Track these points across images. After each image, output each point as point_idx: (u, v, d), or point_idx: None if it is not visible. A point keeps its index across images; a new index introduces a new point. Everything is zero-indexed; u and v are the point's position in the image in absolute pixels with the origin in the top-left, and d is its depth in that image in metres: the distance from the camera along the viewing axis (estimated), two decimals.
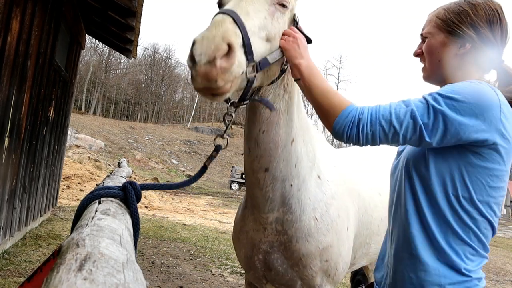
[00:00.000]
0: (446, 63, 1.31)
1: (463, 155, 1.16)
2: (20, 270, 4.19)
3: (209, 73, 1.09)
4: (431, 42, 1.33)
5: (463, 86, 1.15)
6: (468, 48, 1.27)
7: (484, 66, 1.31)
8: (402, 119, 1.13)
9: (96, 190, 1.15)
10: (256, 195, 1.72)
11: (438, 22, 1.32)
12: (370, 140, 1.18)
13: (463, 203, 1.18)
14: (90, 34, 8.56)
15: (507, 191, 26.42)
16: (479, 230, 1.20)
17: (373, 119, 1.16)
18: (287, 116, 1.59)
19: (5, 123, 4.07)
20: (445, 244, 1.20)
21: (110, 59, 63.48)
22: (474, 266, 1.21)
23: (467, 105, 1.10)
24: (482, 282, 1.24)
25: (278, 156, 1.61)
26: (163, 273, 5.02)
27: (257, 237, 1.85)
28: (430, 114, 1.11)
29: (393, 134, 1.15)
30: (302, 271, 1.79)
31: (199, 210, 12.55)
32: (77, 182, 12.45)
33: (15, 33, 4.02)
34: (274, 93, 1.53)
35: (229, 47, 1.11)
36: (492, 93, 1.14)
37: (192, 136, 47.58)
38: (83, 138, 25.29)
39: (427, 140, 1.12)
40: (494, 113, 1.11)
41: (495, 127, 1.12)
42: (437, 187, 1.20)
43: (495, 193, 1.19)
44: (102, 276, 0.54)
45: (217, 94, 1.17)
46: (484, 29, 1.26)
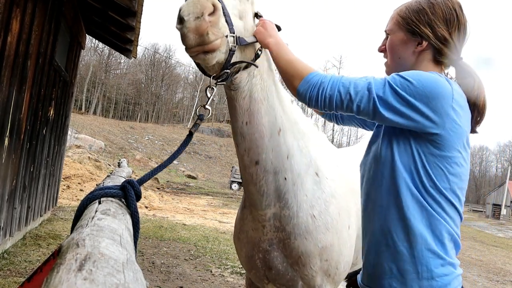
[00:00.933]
0: (405, 60, 1.36)
1: (423, 145, 1.22)
2: (20, 270, 4.19)
3: (200, 26, 1.17)
4: (392, 39, 1.39)
5: (421, 74, 1.21)
6: (425, 46, 1.32)
7: (441, 63, 1.35)
8: (359, 89, 1.21)
9: (96, 190, 1.14)
10: (252, 191, 1.74)
11: (399, 20, 1.37)
12: (327, 104, 1.25)
13: (430, 191, 1.23)
14: (90, 34, 8.56)
15: (507, 191, 26.55)
16: (448, 216, 1.25)
17: (333, 85, 1.25)
18: (267, 105, 1.62)
19: (5, 123, 4.07)
20: (419, 232, 1.23)
21: (110, 59, 63.48)
22: (448, 252, 1.25)
23: (419, 89, 1.16)
24: (457, 269, 1.27)
25: (265, 147, 1.63)
26: (163, 273, 5.02)
27: (256, 236, 1.85)
28: (385, 89, 1.18)
29: (348, 101, 1.22)
30: (302, 270, 1.79)
31: (199, 210, 12.55)
32: (77, 182, 12.44)
33: (15, 33, 4.02)
34: (251, 83, 1.58)
35: (214, 7, 1.20)
36: (444, 83, 1.20)
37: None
38: (83, 138, 25.30)
39: (381, 112, 1.18)
40: (446, 101, 1.17)
41: (446, 114, 1.17)
42: (405, 178, 1.24)
43: (456, 179, 1.24)
44: (102, 276, 0.54)
45: (208, 51, 1.23)
46: (441, 27, 1.30)
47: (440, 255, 1.23)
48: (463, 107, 1.23)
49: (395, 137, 1.28)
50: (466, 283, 7.18)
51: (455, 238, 1.27)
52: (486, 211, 54.05)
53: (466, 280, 7.43)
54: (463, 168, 1.25)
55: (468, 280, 7.46)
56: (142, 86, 68.46)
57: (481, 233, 19.86)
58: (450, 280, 1.22)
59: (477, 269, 8.79)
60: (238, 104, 1.59)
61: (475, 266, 9.22)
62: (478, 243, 14.69)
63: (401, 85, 1.17)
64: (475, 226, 24.33)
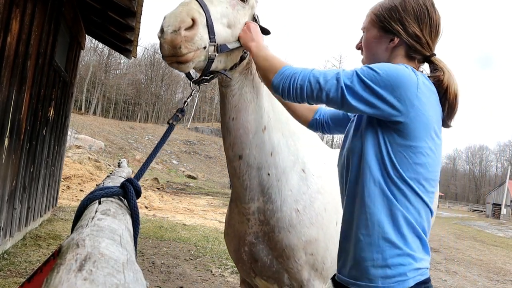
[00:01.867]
0: (379, 56, 1.41)
1: (389, 134, 1.25)
2: (20, 271, 4.19)
3: (174, 40, 1.26)
4: (367, 37, 1.45)
5: (388, 65, 1.25)
6: (397, 42, 1.36)
7: (415, 58, 1.38)
8: (328, 78, 1.26)
9: (96, 190, 1.15)
10: (236, 184, 1.83)
11: (373, 18, 1.42)
12: (299, 94, 1.31)
13: (394, 179, 1.24)
14: (90, 35, 8.56)
15: (507, 191, 26.54)
16: (412, 206, 1.25)
17: (304, 76, 1.30)
18: (255, 104, 1.72)
19: (5, 123, 4.07)
20: (377, 221, 1.25)
21: (110, 59, 63.49)
22: (408, 243, 1.24)
23: (385, 79, 1.20)
24: (420, 262, 1.25)
25: (249, 142, 1.73)
26: (163, 273, 5.02)
27: (242, 229, 1.92)
28: (353, 78, 1.23)
29: (318, 90, 1.27)
30: (286, 263, 1.83)
31: (199, 210, 12.55)
32: (77, 183, 12.44)
33: (15, 34, 4.02)
34: (242, 82, 1.69)
35: (193, 22, 1.29)
36: (411, 73, 1.23)
37: (192, 136, 47.59)
38: (83, 139, 25.30)
39: (348, 100, 1.22)
40: (411, 90, 1.20)
41: (410, 102, 1.20)
42: (370, 167, 1.27)
43: (422, 169, 1.25)
44: (102, 277, 0.54)
45: (181, 62, 1.32)
46: (412, 24, 1.34)
47: (397, 245, 1.23)
48: (430, 98, 1.25)
49: (364, 128, 1.32)
50: (467, 283, 7.19)
51: (418, 231, 1.25)
52: (486, 210, 54.07)
53: (467, 280, 7.43)
54: (430, 158, 1.26)
55: (469, 280, 7.46)
56: (142, 86, 68.49)
57: (481, 232, 19.86)
58: (406, 270, 1.22)
59: (477, 269, 8.79)
60: (227, 100, 1.69)
61: (475, 265, 9.22)
62: (478, 242, 14.69)
63: (367, 74, 1.22)
64: (475, 226, 24.34)
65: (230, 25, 1.49)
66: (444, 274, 7.69)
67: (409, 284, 1.21)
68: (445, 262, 9.06)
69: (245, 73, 1.70)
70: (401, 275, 1.21)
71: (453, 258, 9.81)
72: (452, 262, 9.28)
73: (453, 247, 12.07)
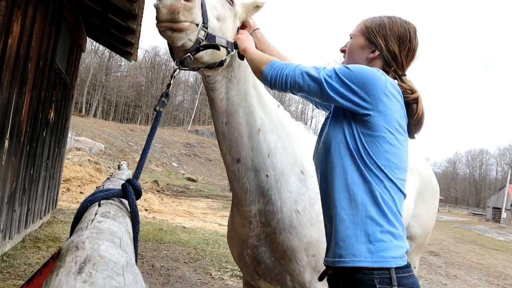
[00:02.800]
0: (358, 63, 1.53)
1: (361, 126, 1.39)
2: (19, 273, 4.18)
3: (174, 5, 1.31)
4: (352, 43, 1.61)
5: (362, 66, 1.43)
6: (376, 55, 1.53)
7: (388, 73, 1.52)
8: (311, 72, 1.42)
9: (96, 193, 1.15)
10: (236, 189, 1.85)
11: (363, 28, 1.58)
12: (283, 84, 1.46)
13: (370, 166, 1.37)
14: (91, 37, 8.58)
15: (507, 195, 26.52)
16: (388, 191, 1.37)
17: (290, 68, 1.45)
18: (245, 107, 1.77)
19: (5, 125, 4.07)
20: (361, 201, 1.35)
21: (111, 62, 63.61)
22: (389, 221, 1.35)
23: (358, 77, 1.37)
24: (399, 241, 1.35)
25: (245, 145, 1.77)
26: (162, 276, 5.00)
27: (244, 232, 1.93)
28: (332, 74, 1.39)
29: (300, 82, 1.42)
30: (288, 265, 1.84)
31: (199, 213, 12.54)
32: (77, 185, 12.43)
33: (16, 36, 4.03)
34: (227, 86, 1.74)
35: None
36: (381, 75, 1.40)
37: (192, 139, 47.60)
38: (83, 141, 25.30)
39: (327, 90, 1.38)
40: (379, 87, 1.37)
41: (379, 98, 1.36)
42: (349, 155, 1.40)
43: (393, 158, 1.39)
44: (101, 279, 0.53)
45: (176, 29, 1.36)
46: (393, 43, 1.52)
47: (379, 222, 1.33)
48: (396, 97, 1.41)
49: (340, 120, 1.46)
50: (467, 287, 7.17)
51: (394, 211, 1.37)
52: (486, 214, 53.98)
53: (467, 284, 7.42)
54: (398, 149, 1.40)
55: (469, 284, 7.44)
56: (143, 88, 68.57)
57: (481, 236, 19.82)
58: (388, 247, 1.31)
59: (477, 273, 8.77)
60: (216, 105, 1.75)
61: (475, 269, 9.20)
62: (479, 246, 14.66)
63: (344, 72, 1.38)
64: (476, 230, 24.29)
65: (219, 19, 1.56)
66: (444, 278, 7.67)
67: (391, 264, 1.30)
68: (445, 266, 9.04)
69: (228, 77, 1.74)
70: (382, 251, 1.31)
71: (453, 262, 9.79)
72: (452, 266, 9.26)
73: (453, 251, 12.04)
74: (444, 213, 49.50)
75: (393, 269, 1.28)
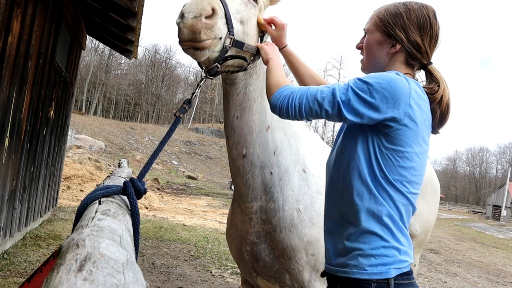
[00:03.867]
0: (379, 59, 1.44)
1: (377, 138, 1.30)
2: (20, 271, 4.19)
3: (195, 25, 1.31)
4: (369, 39, 1.47)
5: (379, 74, 1.28)
6: (398, 48, 1.40)
7: (413, 65, 1.43)
8: (324, 95, 1.29)
9: (96, 190, 1.15)
10: (239, 184, 1.84)
11: (377, 21, 1.45)
12: (297, 112, 1.34)
13: (379, 180, 1.30)
14: (91, 35, 8.57)
15: (507, 193, 26.52)
16: (395, 205, 1.31)
17: (302, 95, 1.33)
18: (260, 104, 1.75)
19: (6, 123, 4.07)
20: (366, 216, 1.31)
21: (111, 60, 63.53)
22: (395, 236, 1.30)
23: (379, 91, 1.24)
24: (403, 255, 1.31)
25: (253, 141, 1.75)
26: (163, 274, 5.01)
27: (244, 228, 1.93)
28: (348, 93, 1.26)
29: (316, 108, 1.30)
30: (288, 263, 1.84)
31: (199, 211, 12.55)
32: (77, 183, 12.44)
33: (15, 34, 4.03)
34: (247, 81, 1.72)
35: (213, 11, 1.35)
36: (403, 81, 1.26)
37: (193, 137, 47.59)
38: (83, 139, 25.29)
39: (345, 114, 1.26)
40: (403, 98, 1.24)
41: (403, 110, 1.25)
42: (358, 166, 1.33)
43: (406, 173, 1.31)
44: (102, 277, 0.54)
45: (198, 48, 1.37)
46: (414, 33, 1.39)
47: (384, 237, 1.29)
48: (421, 106, 1.29)
49: (355, 130, 1.36)
50: (467, 284, 7.18)
51: (401, 226, 1.32)
52: (486, 212, 54.01)
53: (467, 281, 7.43)
54: (415, 163, 1.32)
55: (469, 282, 7.45)
56: (143, 86, 68.50)
57: (481, 234, 19.84)
58: (390, 261, 1.28)
59: (477, 271, 8.78)
60: (232, 98, 1.72)
61: (475, 267, 9.21)
62: (479, 244, 14.68)
63: (361, 88, 1.25)
64: (475, 227, 24.31)
65: (242, 21, 1.54)
66: (444, 275, 7.68)
67: (391, 274, 1.27)
68: (445, 264, 9.05)
69: (250, 73, 1.72)
70: (384, 265, 1.28)
71: (453, 260, 9.80)
72: (452, 263, 9.28)
73: (453, 249, 12.05)
74: (444, 211, 49.52)
75: (392, 279, 1.27)
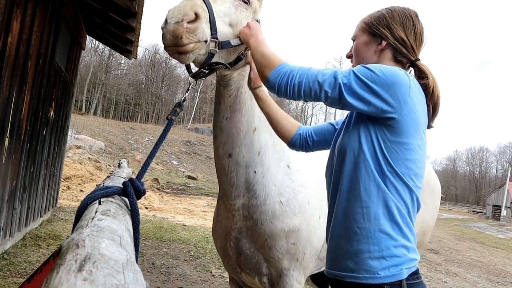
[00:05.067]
0: (368, 60, 1.48)
1: (380, 131, 1.30)
2: (20, 271, 4.19)
3: (176, 30, 1.33)
4: (357, 43, 1.54)
5: (382, 65, 1.32)
6: (384, 45, 1.45)
7: (401, 62, 1.46)
8: (326, 77, 1.29)
9: (96, 191, 1.15)
10: (223, 181, 1.89)
11: (363, 25, 1.53)
12: (296, 91, 1.32)
13: (388, 175, 1.29)
14: (91, 35, 8.56)
15: (507, 193, 26.52)
16: (403, 201, 1.30)
17: (302, 74, 1.32)
18: (249, 106, 1.80)
19: (6, 123, 4.07)
20: (374, 214, 1.29)
21: (111, 60, 63.53)
22: (404, 234, 1.29)
23: (381, 78, 1.26)
24: (412, 253, 1.30)
25: (240, 142, 1.80)
26: (163, 274, 5.01)
27: (228, 224, 1.98)
28: (349, 76, 1.28)
29: (316, 89, 1.30)
30: (268, 252, 1.88)
31: (199, 211, 12.55)
32: (77, 183, 12.44)
33: (15, 34, 4.03)
34: (239, 83, 1.75)
35: (196, 16, 1.36)
36: (403, 74, 1.30)
37: (192, 137, 47.58)
38: (83, 139, 25.28)
39: (345, 97, 1.26)
40: (404, 89, 1.27)
41: (404, 100, 1.26)
42: (364, 162, 1.31)
43: (412, 165, 1.31)
44: (102, 277, 0.54)
45: (181, 52, 1.38)
46: (397, 29, 1.44)
47: (393, 236, 1.27)
48: (420, 98, 1.33)
49: (356, 126, 1.37)
50: (467, 284, 7.18)
51: (409, 223, 1.31)
52: (486, 212, 54.02)
53: (467, 281, 7.43)
54: (419, 154, 1.32)
55: (469, 281, 7.46)
56: (142, 86, 68.51)
57: (481, 234, 19.84)
58: (401, 261, 1.27)
59: (477, 270, 8.78)
60: (223, 100, 1.77)
61: (475, 267, 9.21)
62: (479, 244, 14.68)
63: (364, 73, 1.27)
64: (475, 227, 24.31)
65: (232, 24, 1.56)
66: (444, 275, 7.68)
67: (403, 275, 1.25)
68: (445, 264, 9.05)
69: (243, 74, 1.76)
70: (396, 266, 1.26)
71: (453, 260, 9.80)
72: (452, 263, 9.28)
73: (453, 249, 12.05)
74: (444, 211, 49.52)
75: (404, 280, 1.24)
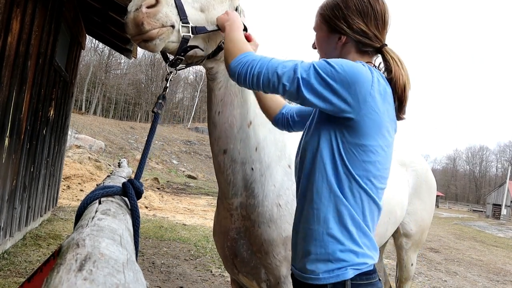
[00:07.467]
0: (331, 55, 1.40)
1: (340, 132, 1.25)
2: (20, 270, 4.19)
3: (137, 17, 1.28)
4: (317, 37, 1.46)
5: (345, 61, 1.23)
6: (344, 40, 1.37)
7: (366, 52, 1.38)
8: (286, 70, 1.22)
9: (96, 190, 1.15)
10: (220, 180, 1.83)
11: (320, 18, 1.43)
12: (255, 83, 1.26)
13: (342, 177, 1.25)
14: (91, 34, 8.56)
15: (507, 191, 26.55)
16: (357, 204, 1.26)
17: (262, 64, 1.25)
18: (241, 98, 1.73)
19: (6, 123, 4.07)
20: (323, 216, 1.26)
21: (110, 59, 63.52)
22: (353, 239, 1.25)
23: (341, 75, 1.19)
24: (361, 258, 1.25)
25: (234, 137, 1.74)
26: (163, 273, 5.02)
27: (226, 224, 1.93)
28: (309, 71, 1.20)
29: (274, 81, 1.23)
30: (264, 258, 1.82)
31: (199, 210, 12.55)
32: (77, 182, 12.44)
33: (15, 34, 4.03)
34: (226, 75, 1.62)
35: (156, 1, 1.30)
36: (367, 71, 1.22)
37: (192, 136, 47.57)
38: (83, 138, 25.28)
39: (303, 93, 1.20)
40: (365, 87, 1.19)
41: (363, 99, 1.19)
42: (320, 164, 1.28)
43: (371, 167, 1.26)
44: (102, 276, 0.54)
45: (146, 39, 1.32)
46: (356, 20, 1.34)
47: (341, 240, 1.24)
48: (384, 96, 1.25)
49: (319, 124, 1.32)
50: (467, 283, 7.18)
51: (363, 228, 1.26)
52: (486, 211, 54.03)
53: (467, 280, 7.43)
54: (380, 156, 1.27)
55: (469, 280, 7.46)
56: (142, 86, 68.52)
57: (481, 233, 19.85)
58: (347, 265, 1.23)
59: (477, 269, 8.78)
60: (214, 94, 1.71)
61: (475, 266, 9.22)
62: (479, 243, 14.68)
63: (324, 69, 1.20)
64: (475, 226, 24.32)
65: (203, 9, 1.49)
66: (444, 274, 7.69)
67: (348, 275, 1.22)
68: (445, 263, 9.05)
69: None
70: (340, 269, 1.23)
71: (453, 259, 9.81)
72: (452, 262, 9.28)
73: (453, 248, 12.06)
74: (444, 209, 49.53)
75: (349, 280, 1.22)
